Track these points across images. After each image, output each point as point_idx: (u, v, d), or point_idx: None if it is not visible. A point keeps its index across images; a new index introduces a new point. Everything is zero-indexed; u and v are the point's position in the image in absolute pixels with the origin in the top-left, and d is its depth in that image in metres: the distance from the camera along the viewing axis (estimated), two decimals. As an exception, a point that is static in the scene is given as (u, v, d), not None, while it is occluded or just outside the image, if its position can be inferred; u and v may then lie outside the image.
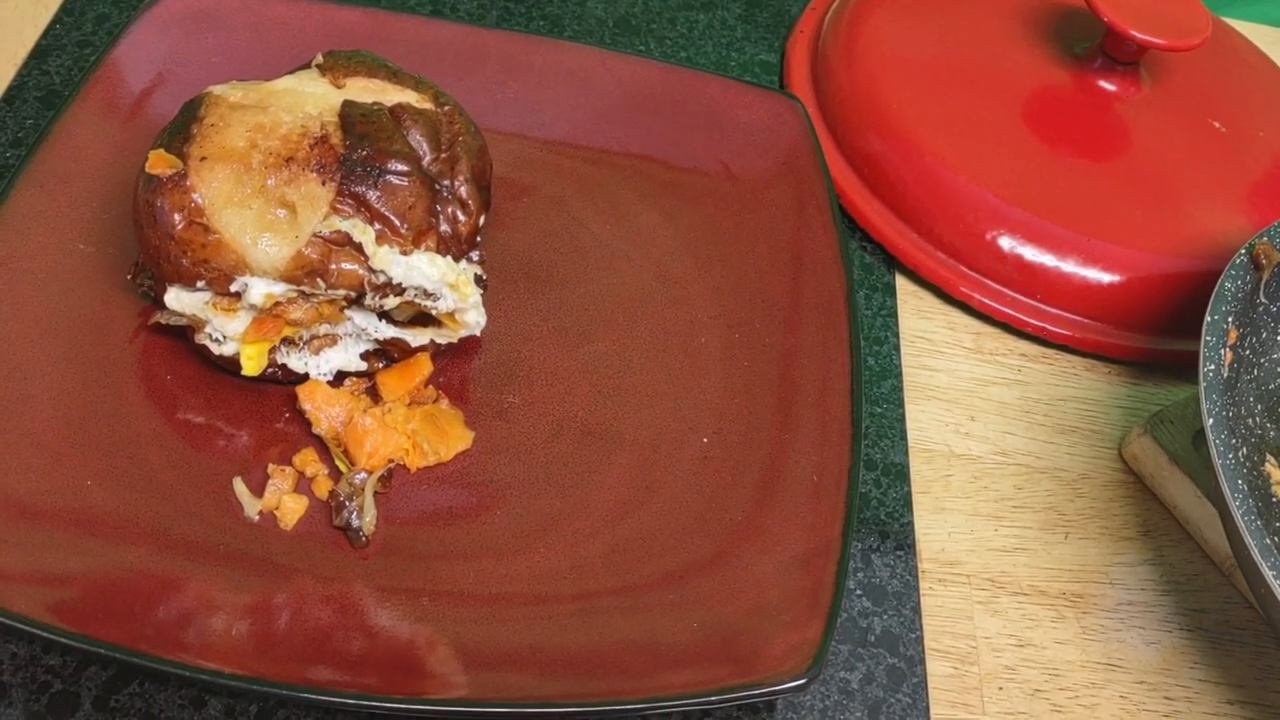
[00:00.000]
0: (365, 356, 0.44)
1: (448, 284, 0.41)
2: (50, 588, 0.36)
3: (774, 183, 0.55)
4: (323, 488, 0.41)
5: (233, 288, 0.40)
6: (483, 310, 0.44)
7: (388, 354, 0.44)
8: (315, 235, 0.40)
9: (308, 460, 0.42)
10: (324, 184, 0.40)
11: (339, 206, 0.40)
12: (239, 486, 0.40)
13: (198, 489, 0.40)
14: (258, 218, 0.39)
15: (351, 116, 0.41)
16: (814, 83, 0.63)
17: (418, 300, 0.42)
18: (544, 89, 0.56)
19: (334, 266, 0.40)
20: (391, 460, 0.42)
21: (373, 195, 0.40)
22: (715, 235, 0.53)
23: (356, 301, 0.42)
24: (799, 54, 0.65)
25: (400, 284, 0.41)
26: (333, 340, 0.43)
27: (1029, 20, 0.64)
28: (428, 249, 0.41)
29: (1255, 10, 0.81)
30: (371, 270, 0.40)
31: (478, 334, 0.45)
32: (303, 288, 0.40)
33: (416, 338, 0.44)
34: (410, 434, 0.42)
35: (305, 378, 0.43)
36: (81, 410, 0.41)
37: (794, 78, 0.64)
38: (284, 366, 0.43)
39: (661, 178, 0.55)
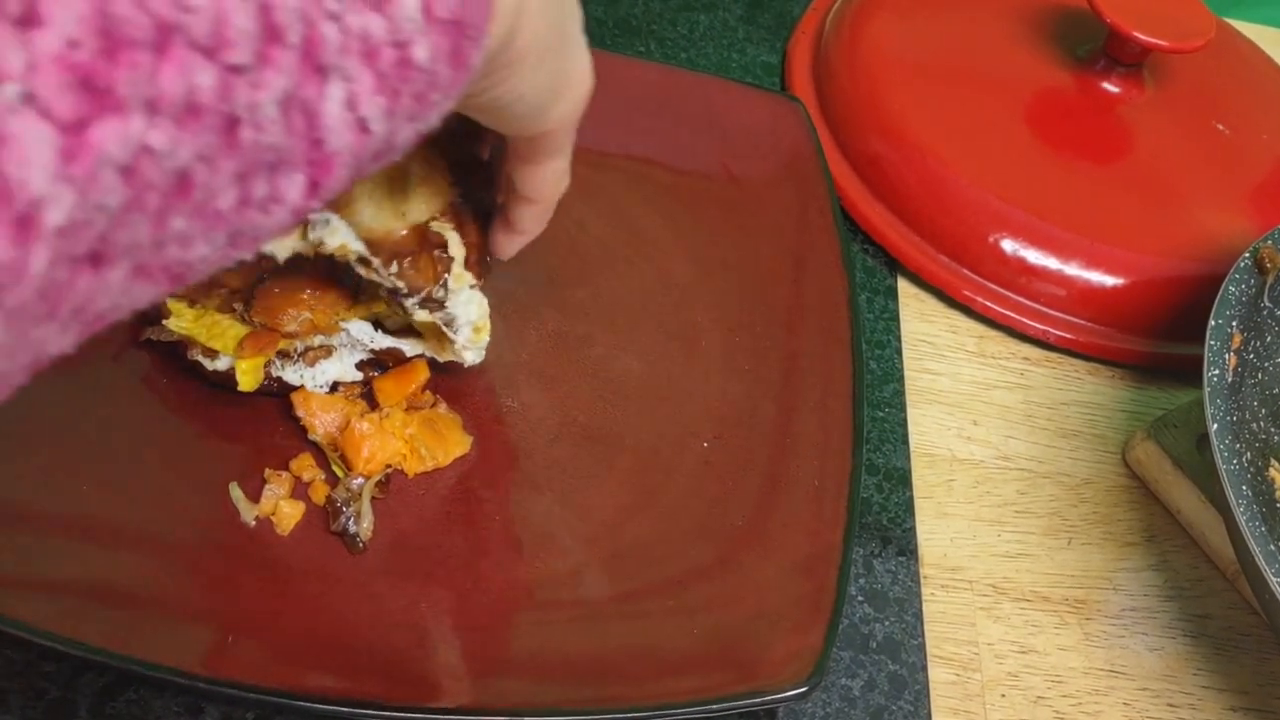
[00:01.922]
0: (360, 366, 0.43)
1: (474, 325, 0.41)
2: (47, 593, 0.36)
3: (775, 185, 0.54)
4: (320, 493, 0.41)
5: (312, 216, 0.37)
6: (483, 353, 0.43)
7: (382, 363, 0.44)
8: (420, 224, 0.38)
9: (304, 465, 0.41)
10: (450, 185, 0.39)
11: (449, 213, 0.39)
12: (235, 492, 0.40)
13: (194, 494, 0.40)
14: (387, 175, 0.38)
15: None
16: (816, 84, 0.63)
17: (439, 320, 0.40)
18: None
19: (421, 259, 0.38)
20: (389, 465, 0.41)
21: (470, 227, 0.39)
22: (716, 238, 0.53)
23: (395, 295, 0.40)
24: (800, 56, 0.65)
25: (445, 304, 0.40)
26: (328, 351, 0.42)
27: (1031, 22, 0.64)
28: (473, 286, 0.40)
29: (1259, 12, 0.80)
30: (439, 284, 0.39)
31: (479, 361, 0.44)
32: (376, 260, 0.38)
33: (412, 347, 0.43)
34: (408, 439, 0.42)
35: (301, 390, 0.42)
36: (77, 416, 0.41)
37: (795, 79, 0.64)
38: (279, 379, 0.42)
39: (662, 180, 0.55)
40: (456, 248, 0.39)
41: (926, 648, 0.43)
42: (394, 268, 0.38)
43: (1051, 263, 0.54)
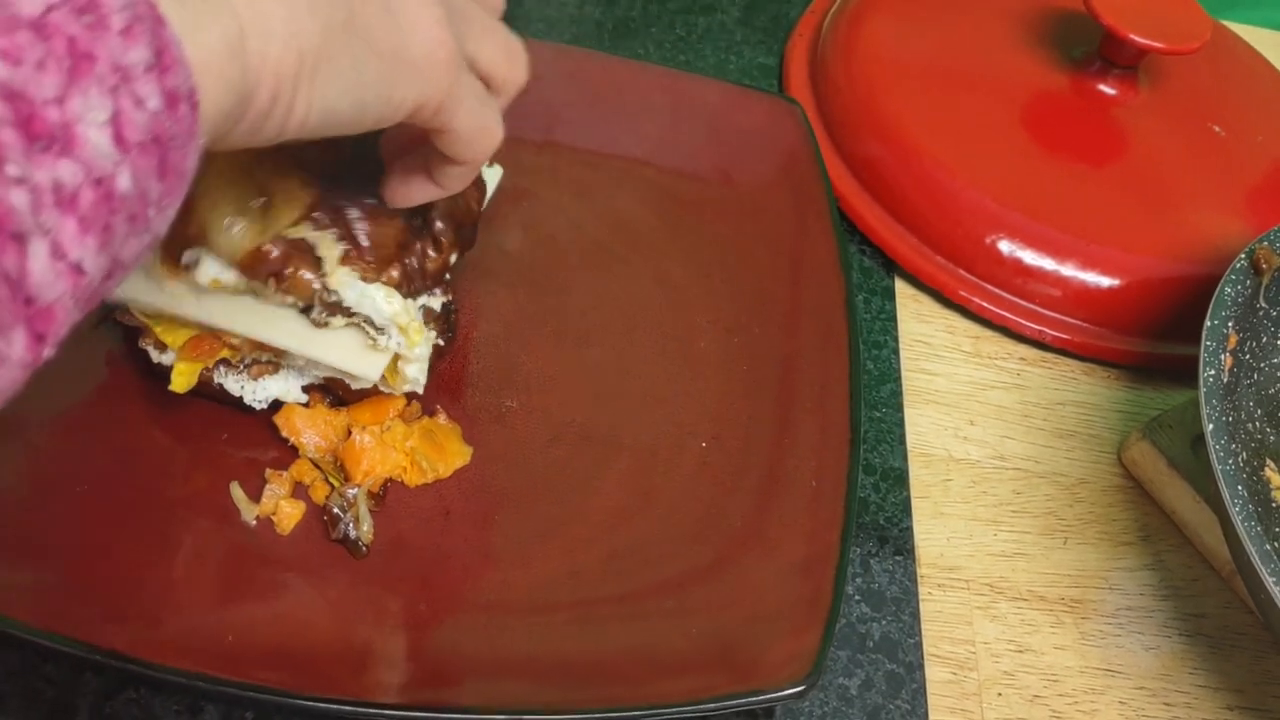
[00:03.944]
0: (308, 389, 0.43)
1: (398, 324, 0.40)
2: (45, 594, 0.36)
3: (773, 187, 0.55)
4: (320, 493, 0.41)
5: (184, 259, 0.38)
6: (425, 368, 0.42)
7: (331, 389, 0.43)
8: (281, 235, 0.37)
9: (305, 466, 0.41)
10: (306, 186, 0.38)
11: (316, 215, 0.38)
12: (236, 491, 0.40)
13: (195, 493, 0.40)
14: (236, 196, 0.37)
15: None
16: (813, 86, 0.63)
17: (365, 328, 0.40)
18: (542, 93, 0.55)
19: (289, 270, 0.38)
20: (389, 478, 0.41)
21: (353, 214, 0.38)
22: (714, 239, 0.53)
23: (304, 312, 0.40)
24: (798, 57, 0.65)
25: (350, 308, 0.39)
26: (274, 368, 0.42)
27: (1027, 24, 0.64)
28: (389, 280, 0.39)
29: (1255, 14, 0.81)
30: (326, 287, 0.38)
31: (420, 391, 0.43)
32: (254, 282, 0.38)
33: (356, 380, 0.42)
34: (409, 451, 0.42)
35: (240, 400, 0.42)
36: (76, 414, 0.41)
37: (793, 81, 0.64)
38: (221, 386, 0.42)
39: (660, 182, 0.55)
40: (328, 247, 0.38)
41: (923, 647, 0.43)
42: (273, 285, 0.38)
43: (1047, 263, 0.54)
